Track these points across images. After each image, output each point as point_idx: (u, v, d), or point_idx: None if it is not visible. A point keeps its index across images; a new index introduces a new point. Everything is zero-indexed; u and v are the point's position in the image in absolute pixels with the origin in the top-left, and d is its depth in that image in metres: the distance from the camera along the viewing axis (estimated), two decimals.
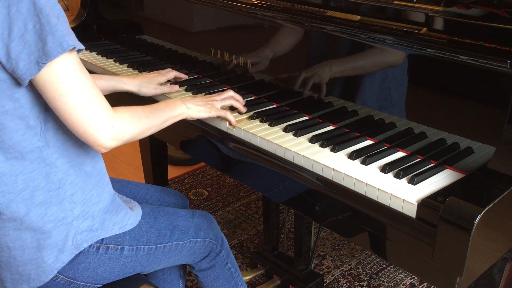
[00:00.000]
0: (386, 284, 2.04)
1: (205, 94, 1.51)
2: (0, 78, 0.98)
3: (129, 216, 1.19)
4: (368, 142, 1.24)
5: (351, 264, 2.16)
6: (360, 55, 1.25)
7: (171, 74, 1.56)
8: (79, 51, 1.01)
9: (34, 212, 1.07)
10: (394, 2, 1.24)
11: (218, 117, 1.33)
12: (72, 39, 0.97)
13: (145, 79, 1.51)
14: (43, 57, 0.94)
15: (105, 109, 1.03)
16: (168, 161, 2.32)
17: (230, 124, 1.33)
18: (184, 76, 1.60)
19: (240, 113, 1.39)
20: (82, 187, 1.11)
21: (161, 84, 1.53)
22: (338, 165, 1.12)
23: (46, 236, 1.08)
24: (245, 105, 1.41)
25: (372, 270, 2.12)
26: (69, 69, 0.98)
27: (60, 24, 0.96)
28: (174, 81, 1.60)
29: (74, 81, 0.98)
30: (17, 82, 0.98)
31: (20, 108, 1.01)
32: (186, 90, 1.55)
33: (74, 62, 0.99)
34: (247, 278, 1.91)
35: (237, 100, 1.38)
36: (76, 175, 1.10)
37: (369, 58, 1.23)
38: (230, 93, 1.37)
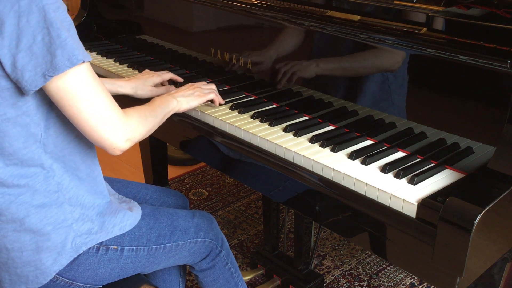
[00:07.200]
0: (386, 284, 2.04)
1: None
2: (4, 86, 0.98)
3: (128, 217, 1.19)
4: (368, 142, 1.24)
5: (351, 264, 2.16)
6: (360, 55, 1.25)
7: (167, 75, 1.52)
8: None
9: (34, 214, 1.07)
10: (394, 2, 1.24)
11: (207, 101, 1.39)
12: (81, 53, 0.98)
13: (140, 80, 1.46)
14: (51, 70, 0.95)
15: (118, 113, 1.05)
16: (168, 161, 2.32)
17: (213, 102, 1.39)
18: (180, 79, 1.55)
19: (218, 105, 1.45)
20: (76, 192, 1.11)
21: (156, 85, 1.49)
22: (338, 165, 1.12)
23: (45, 238, 1.08)
24: (245, 105, 1.42)
25: (372, 270, 2.12)
26: (81, 81, 0.99)
27: (70, 37, 0.96)
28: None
29: (87, 91, 1.00)
30: (21, 91, 0.99)
31: (22, 115, 1.01)
32: None
33: (85, 73, 0.99)
34: (247, 278, 1.91)
35: (217, 95, 1.42)
36: (70, 180, 1.11)
37: (369, 58, 1.23)
38: (212, 86, 1.42)
